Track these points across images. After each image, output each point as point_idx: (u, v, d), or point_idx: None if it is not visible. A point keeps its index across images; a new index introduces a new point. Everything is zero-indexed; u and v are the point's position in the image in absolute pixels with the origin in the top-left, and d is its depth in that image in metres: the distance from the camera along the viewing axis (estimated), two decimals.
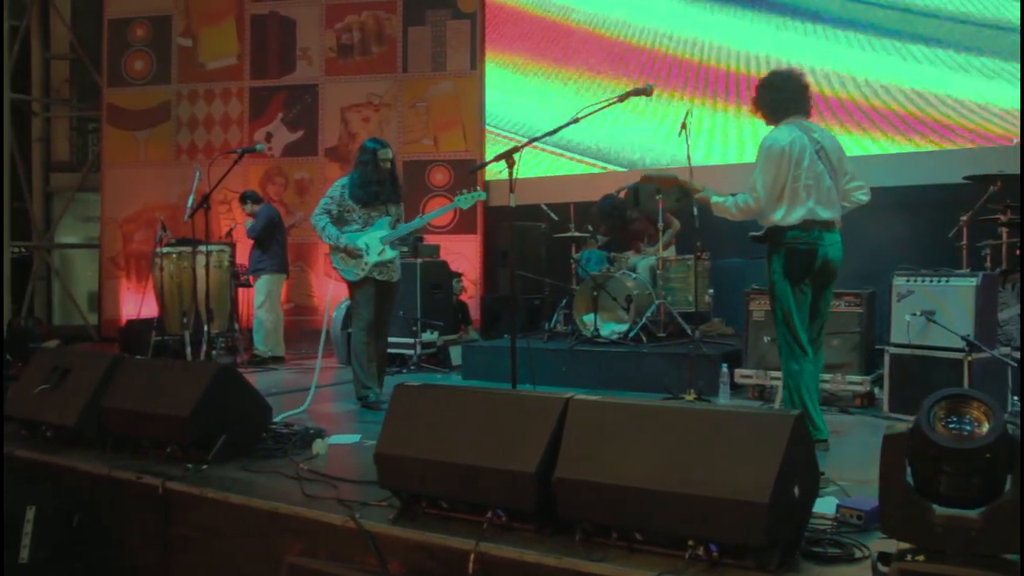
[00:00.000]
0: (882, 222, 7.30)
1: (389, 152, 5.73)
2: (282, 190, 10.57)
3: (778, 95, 4.20)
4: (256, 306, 8.32)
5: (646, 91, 4.40)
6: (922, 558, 2.29)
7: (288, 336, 8.81)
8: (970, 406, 2.29)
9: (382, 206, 5.72)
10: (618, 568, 2.63)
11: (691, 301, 6.68)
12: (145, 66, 11.00)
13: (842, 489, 3.32)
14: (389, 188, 5.74)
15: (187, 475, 3.83)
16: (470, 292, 9.49)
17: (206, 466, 3.92)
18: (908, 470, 2.33)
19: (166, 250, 8.27)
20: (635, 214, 7.54)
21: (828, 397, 5.49)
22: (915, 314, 4.90)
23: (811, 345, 4.17)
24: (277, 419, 4.78)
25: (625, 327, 6.53)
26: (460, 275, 8.84)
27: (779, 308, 4.16)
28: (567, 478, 2.80)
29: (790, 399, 4.13)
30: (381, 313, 5.74)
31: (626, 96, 4.42)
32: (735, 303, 6.60)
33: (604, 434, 2.83)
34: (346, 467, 3.94)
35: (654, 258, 6.96)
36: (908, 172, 7.50)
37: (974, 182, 5.60)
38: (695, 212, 6.19)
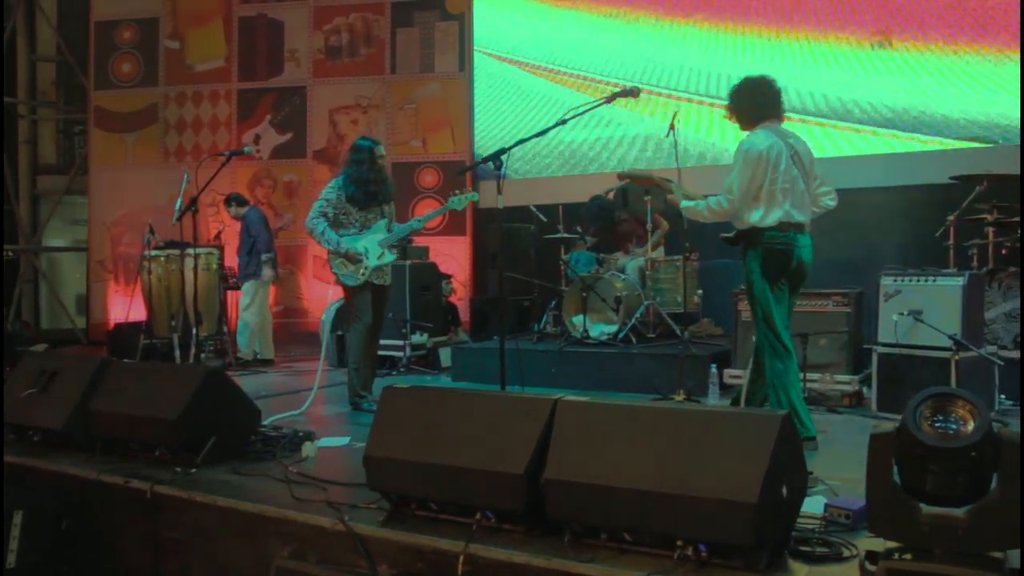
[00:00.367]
0: (869, 222, 7.35)
1: (383, 149, 5.71)
2: (270, 192, 10.54)
3: (753, 101, 4.26)
4: (242, 308, 8.30)
5: (632, 92, 4.43)
6: (909, 556, 2.30)
7: (277, 339, 8.80)
8: (956, 405, 2.30)
9: (377, 207, 5.68)
10: (607, 569, 2.63)
11: (680, 302, 6.69)
12: (132, 68, 10.95)
13: (830, 488, 3.34)
14: (385, 187, 5.71)
15: (176, 478, 3.81)
16: (459, 294, 9.48)
17: (195, 469, 3.91)
18: (895, 469, 2.35)
19: (154, 253, 8.24)
20: (624, 215, 7.55)
21: (816, 396, 5.51)
22: (903, 313, 4.93)
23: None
24: (266, 421, 4.76)
25: (614, 328, 6.53)
26: (449, 277, 8.84)
27: (759, 308, 4.21)
28: (556, 479, 2.81)
29: (776, 399, 4.15)
30: (375, 316, 5.70)
31: (612, 98, 4.46)
32: (724, 304, 6.63)
33: (593, 435, 2.83)
34: (335, 469, 3.93)
35: (643, 259, 6.96)
36: (895, 172, 7.54)
37: (961, 182, 5.64)
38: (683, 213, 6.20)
